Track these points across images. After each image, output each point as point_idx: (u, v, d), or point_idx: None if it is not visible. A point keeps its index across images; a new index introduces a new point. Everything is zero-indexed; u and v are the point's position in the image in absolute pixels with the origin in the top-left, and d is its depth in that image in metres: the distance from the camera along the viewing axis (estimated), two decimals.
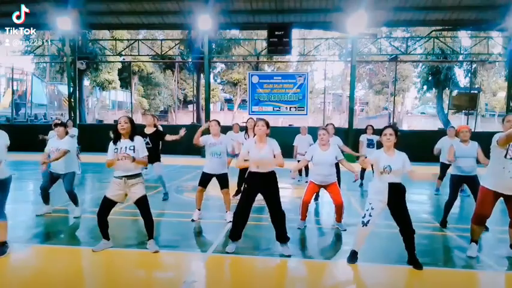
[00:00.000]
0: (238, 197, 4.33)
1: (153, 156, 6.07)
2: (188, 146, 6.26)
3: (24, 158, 11.83)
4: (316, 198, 6.82)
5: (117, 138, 3.97)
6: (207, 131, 5.36)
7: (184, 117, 35.05)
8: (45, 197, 5.54)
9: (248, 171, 4.15)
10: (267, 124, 4.08)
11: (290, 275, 3.77)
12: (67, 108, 19.28)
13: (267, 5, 14.70)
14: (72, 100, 17.43)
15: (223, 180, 5.34)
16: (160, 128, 7.34)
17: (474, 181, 5.11)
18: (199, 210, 5.49)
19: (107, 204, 3.98)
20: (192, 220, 5.40)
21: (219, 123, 5.41)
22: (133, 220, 5.38)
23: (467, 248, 4.18)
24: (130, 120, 4.01)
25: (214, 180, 5.41)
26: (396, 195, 3.75)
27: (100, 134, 4.00)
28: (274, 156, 4.05)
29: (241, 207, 4.09)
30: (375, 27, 18.26)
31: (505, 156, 3.74)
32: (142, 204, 4.01)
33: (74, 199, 5.51)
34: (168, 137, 6.67)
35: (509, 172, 3.74)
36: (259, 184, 4.05)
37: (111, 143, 4.00)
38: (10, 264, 3.85)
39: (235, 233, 4.13)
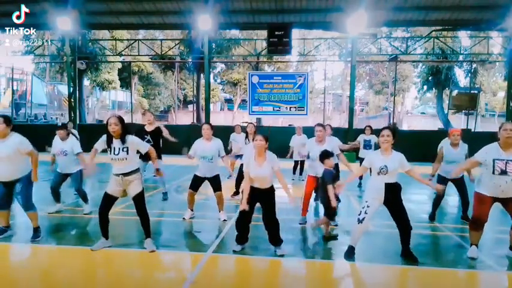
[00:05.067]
0: (237, 197, 4.33)
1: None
2: (188, 147, 6.22)
3: None
4: (316, 198, 6.82)
5: (110, 139, 3.94)
6: (199, 135, 5.34)
7: (184, 117, 35.03)
8: (56, 196, 5.74)
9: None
10: (266, 139, 4.02)
11: (289, 274, 3.77)
12: (67, 108, 19.27)
13: (267, 5, 14.70)
14: (72, 100, 17.43)
15: (215, 183, 5.32)
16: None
17: (460, 182, 5.23)
18: (191, 210, 5.53)
19: (107, 200, 4.02)
20: (183, 219, 5.43)
21: (211, 127, 5.35)
22: (134, 220, 5.37)
23: (468, 250, 4.17)
24: (121, 121, 3.95)
25: None
26: (392, 193, 3.84)
27: (100, 134, 3.98)
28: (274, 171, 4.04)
29: (242, 219, 4.11)
30: (375, 27, 18.26)
31: (493, 173, 3.76)
32: (138, 200, 4.04)
33: (84, 196, 5.77)
34: (166, 134, 6.81)
35: (500, 186, 3.77)
36: (257, 197, 4.06)
37: (104, 137, 3.98)
38: (10, 264, 3.85)
39: (240, 239, 4.19)
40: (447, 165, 5.25)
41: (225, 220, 5.32)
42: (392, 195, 3.83)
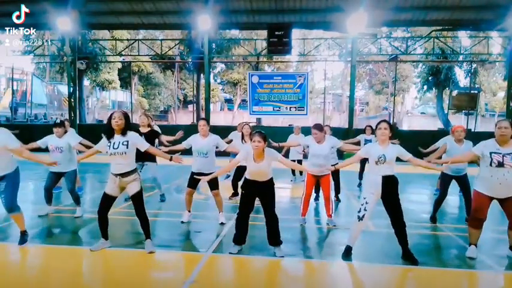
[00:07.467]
0: (236, 198, 4.30)
1: (148, 156, 5.74)
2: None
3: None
4: (316, 198, 6.83)
5: (111, 134, 3.87)
6: (195, 131, 5.23)
7: (184, 117, 35.03)
8: (49, 198, 5.50)
9: (244, 178, 4.11)
10: (264, 138, 3.84)
11: (289, 274, 3.76)
12: (67, 108, 19.28)
13: (267, 5, 14.70)
14: (72, 100, 17.43)
15: (212, 181, 4.98)
16: (156, 128, 7.06)
17: (463, 180, 5.25)
18: (189, 212, 5.34)
19: (106, 200, 3.98)
20: (182, 222, 5.25)
21: (208, 122, 5.21)
22: (134, 220, 5.36)
23: (467, 250, 4.15)
24: (125, 116, 3.91)
25: None
26: (389, 187, 3.86)
27: (100, 134, 3.97)
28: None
29: (241, 214, 4.09)
30: (375, 27, 18.26)
31: (490, 165, 3.79)
32: (136, 200, 4.00)
33: (76, 198, 5.51)
34: (164, 138, 6.43)
35: (498, 179, 3.78)
36: (256, 191, 4.04)
37: (104, 138, 3.91)
38: (10, 264, 3.85)
39: (238, 238, 4.12)
40: None
41: (222, 223, 5.21)
42: (390, 189, 3.85)
